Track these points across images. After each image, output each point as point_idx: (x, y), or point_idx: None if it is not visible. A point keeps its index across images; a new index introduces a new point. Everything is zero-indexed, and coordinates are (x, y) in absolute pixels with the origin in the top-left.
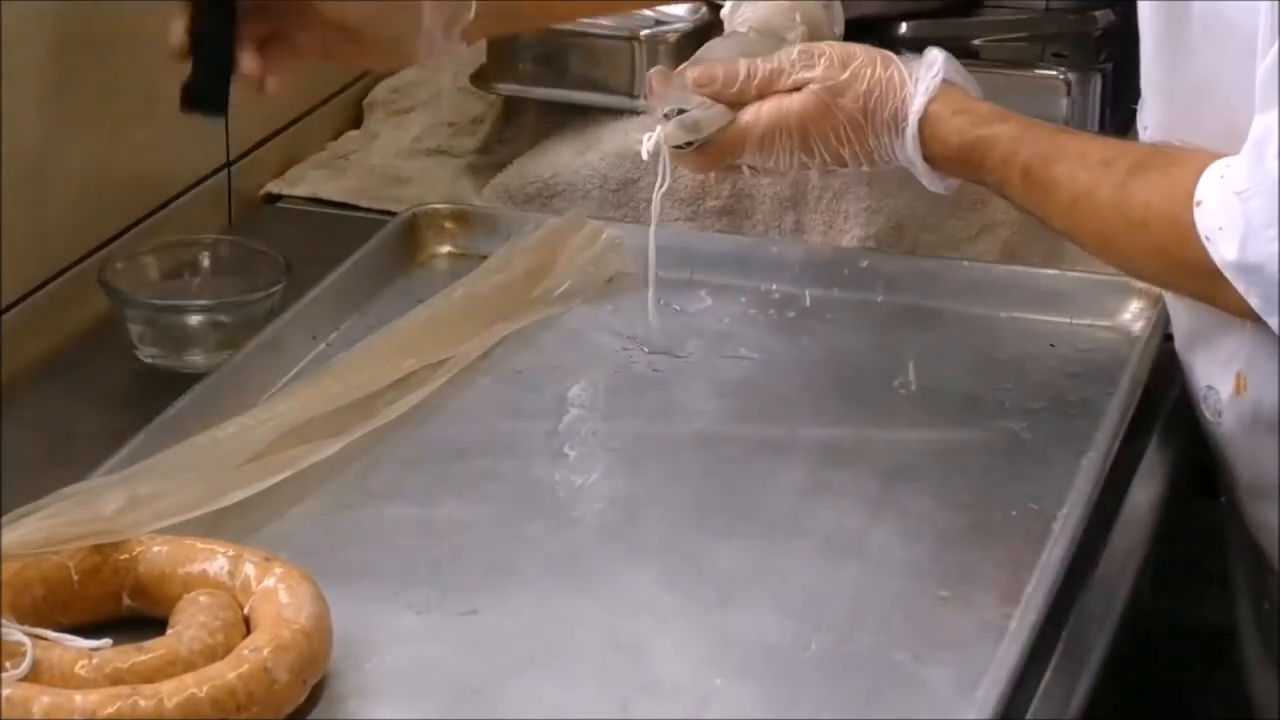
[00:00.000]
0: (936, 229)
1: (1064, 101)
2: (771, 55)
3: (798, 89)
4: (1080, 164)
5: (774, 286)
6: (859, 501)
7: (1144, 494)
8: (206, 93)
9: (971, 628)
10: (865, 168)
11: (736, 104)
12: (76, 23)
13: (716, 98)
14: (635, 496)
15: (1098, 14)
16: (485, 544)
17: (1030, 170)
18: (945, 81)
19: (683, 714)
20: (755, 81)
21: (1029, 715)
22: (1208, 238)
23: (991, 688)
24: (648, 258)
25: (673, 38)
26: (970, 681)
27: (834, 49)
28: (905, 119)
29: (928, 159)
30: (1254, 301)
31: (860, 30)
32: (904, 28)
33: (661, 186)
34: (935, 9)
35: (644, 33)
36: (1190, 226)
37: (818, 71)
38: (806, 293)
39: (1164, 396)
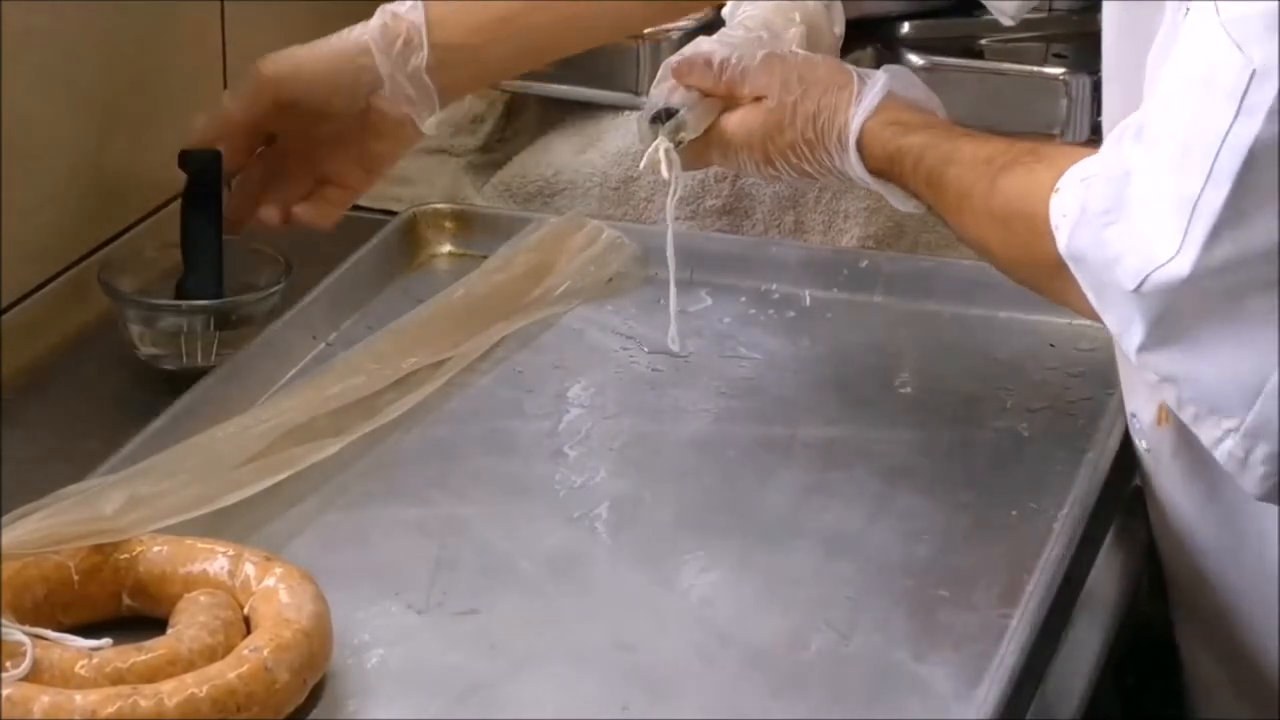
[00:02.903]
0: (936, 229)
1: (1064, 102)
2: (740, 58)
3: (759, 99)
4: (968, 165)
5: (774, 286)
6: (859, 501)
7: (1144, 494)
8: (200, 288)
9: (971, 628)
10: (834, 184)
11: (712, 94)
12: (77, 23)
13: (690, 86)
14: (635, 496)
15: (1100, 14)
16: (485, 544)
17: (931, 175)
18: (891, 96)
19: (683, 714)
20: (723, 76)
21: (1029, 715)
22: (1056, 226)
23: (991, 688)
24: (668, 268)
25: (676, 35)
26: (970, 681)
27: (798, 63)
28: (845, 139)
29: (873, 173)
30: (1090, 296)
31: (861, 30)
32: (905, 28)
33: (674, 194)
34: (936, 9)
35: (647, 30)
36: (1044, 219)
37: (775, 87)
38: (806, 293)
39: None
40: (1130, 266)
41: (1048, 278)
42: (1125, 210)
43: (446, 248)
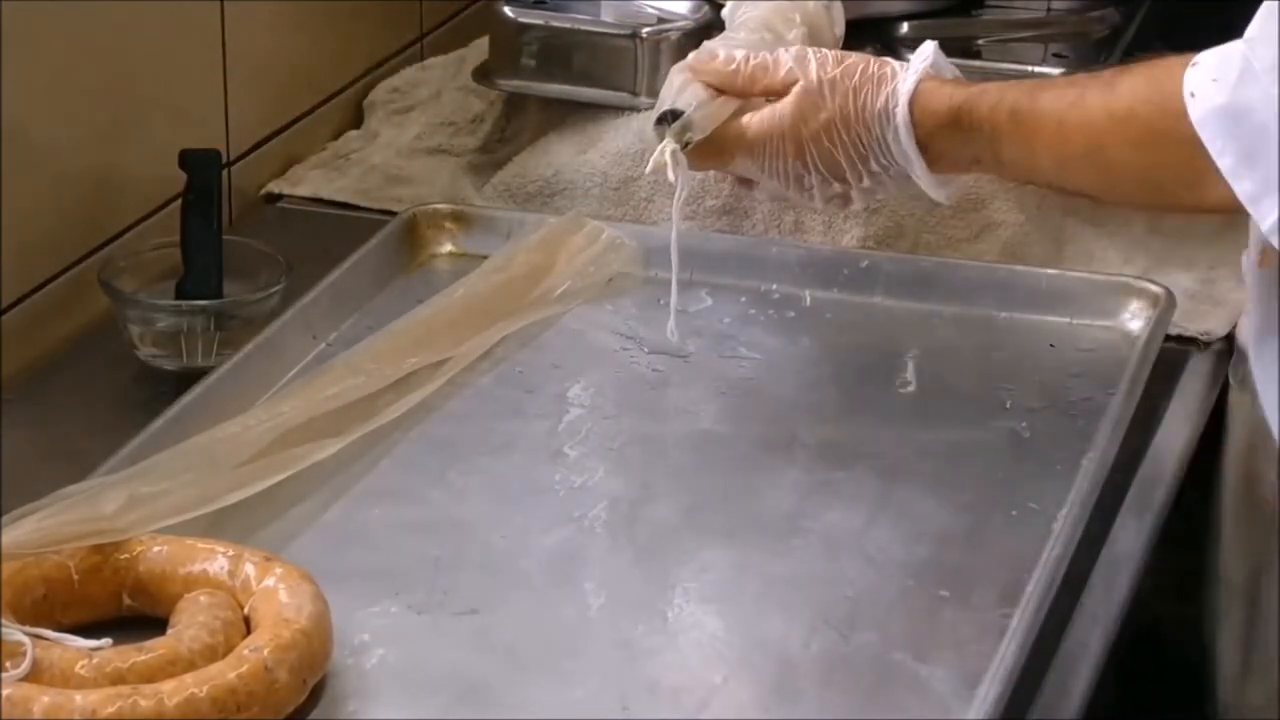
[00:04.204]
0: (936, 229)
1: None
2: (772, 50)
3: (788, 89)
4: (1067, 84)
5: (774, 286)
6: (859, 501)
7: (1144, 494)
8: (199, 288)
9: (971, 628)
10: (864, 181)
11: (727, 91)
12: (77, 23)
13: (710, 82)
14: (635, 496)
15: (1099, 14)
16: (485, 544)
17: (1019, 109)
18: (934, 67)
19: (683, 714)
20: (746, 70)
21: (1029, 715)
22: (1192, 94)
23: (991, 688)
24: (671, 267)
25: (674, 36)
26: (970, 681)
27: (829, 52)
28: (896, 102)
29: (920, 142)
30: (1225, 162)
31: (861, 30)
32: (904, 28)
33: (681, 195)
34: (936, 9)
35: (645, 31)
36: (1176, 96)
37: (811, 70)
38: (806, 293)
39: (1164, 396)
40: None
41: (1177, 170)
42: None
43: (446, 248)
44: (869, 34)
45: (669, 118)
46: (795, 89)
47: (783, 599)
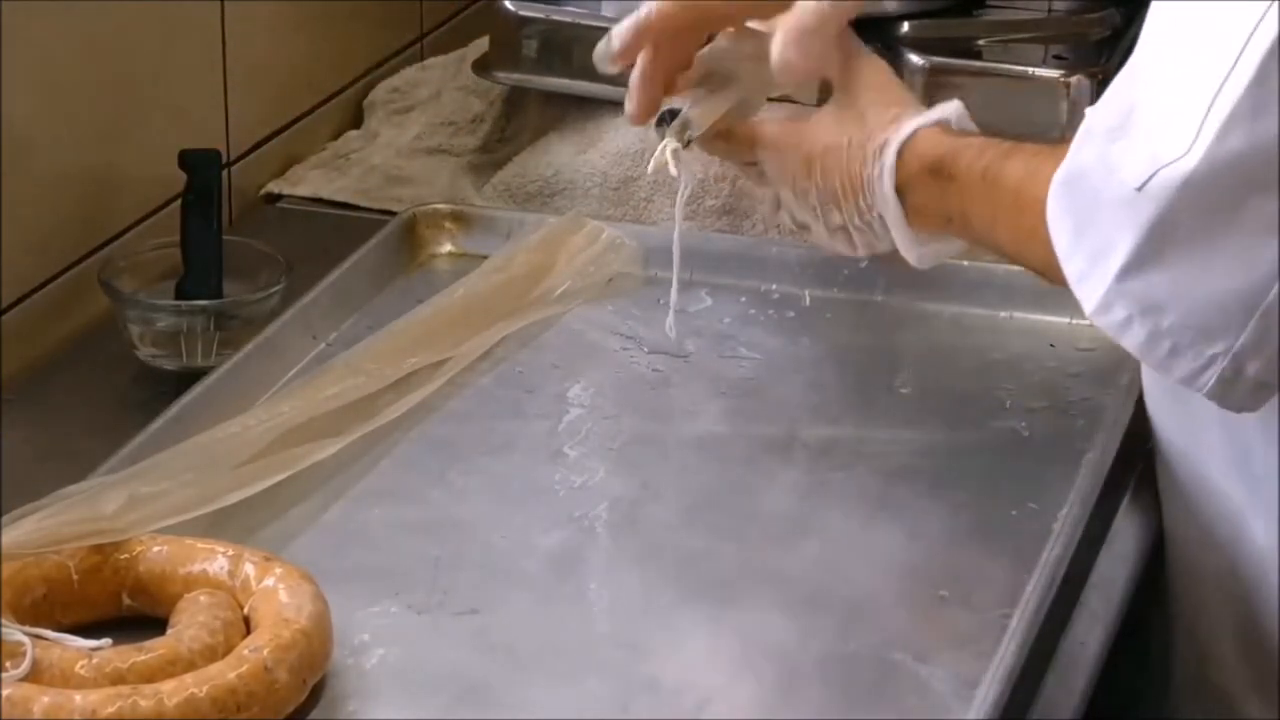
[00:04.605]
0: None
1: (1063, 104)
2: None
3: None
4: (1033, 153)
5: (774, 286)
6: (859, 501)
7: (1144, 494)
8: (199, 288)
9: (971, 628)
10: (855, 219)
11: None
12: (77, 23)
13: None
14: (635, 496)
15: (1099, 16)
16: (485, 544)
17: (990, 169)
18: (956, 123)
19: (683, 714)
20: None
21: (1029, 715)
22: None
23: (991, 688)
24: (673, 265)
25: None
26: (970, 681)
27: (882, 73)
28: (890, 144)
29: (899, 187)
30: (1059, 239)
31: (861, 30)
32: (905, 27)
33: (684, 192)
34: (936, 9)
35: None
36: None
37: (860, 94)
38: (806, 293)
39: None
40: (1135, 169)
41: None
42: (1132, 129)
43: (446, 248)
44: (868, 34)
45: (667, 117)
46: (829, 105)
47: (783, 599)
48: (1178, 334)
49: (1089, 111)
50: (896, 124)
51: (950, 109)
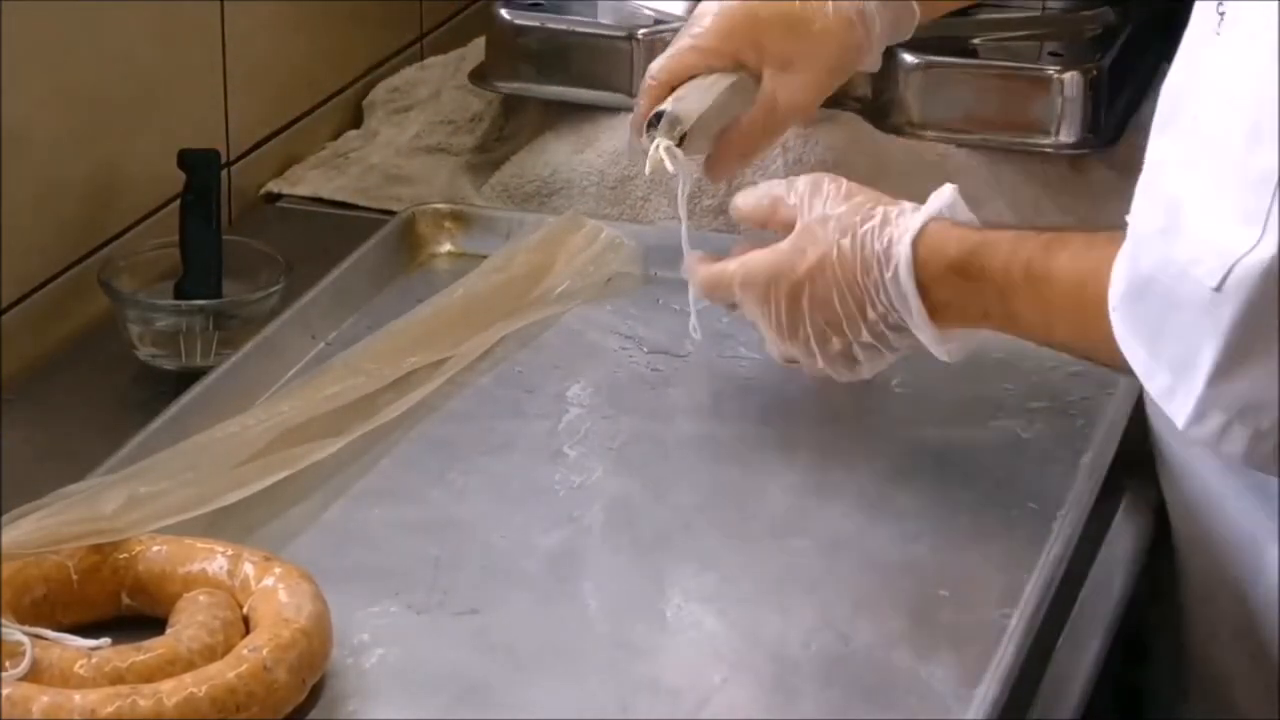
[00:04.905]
0: None
1: (1058, 101)
2: (787, 182)
3: (792, 226)
4: (1085, 246)
5: None
6: (859, 501)
7: (1143, 494)
8: (198, 288)
9: (971, 628)
10: (862, 334)
11: (761, 224)
12: (77, 23)
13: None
14: (635, 496)
15: (1094, 14)
16: (485, 544)
17: (1033, 264)
18: (949, 210)
19: (682, 714)
20: (763, 207)
21: (1029, 715)
22: (1112, 289)
23: (991, 688)
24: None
25: (670, 37)
26: (970, 681)
27: (843, 184)
28: (900, 240)
29: (922, 285)
30: (1135, 355)
31: None
32: None
33: (685, 187)
34: None
35: (641, 32)
36: None
37: (816, 205)
38: None
39: None
40: (1209, 265)
41: None
42: (1186, 223)
43: (446, 248)
44: None
45: (654, 120)
46: (797, 227)
47: (782, 599)
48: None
49: (1129, 219)
50: (896, 222)
51: (944, 198)
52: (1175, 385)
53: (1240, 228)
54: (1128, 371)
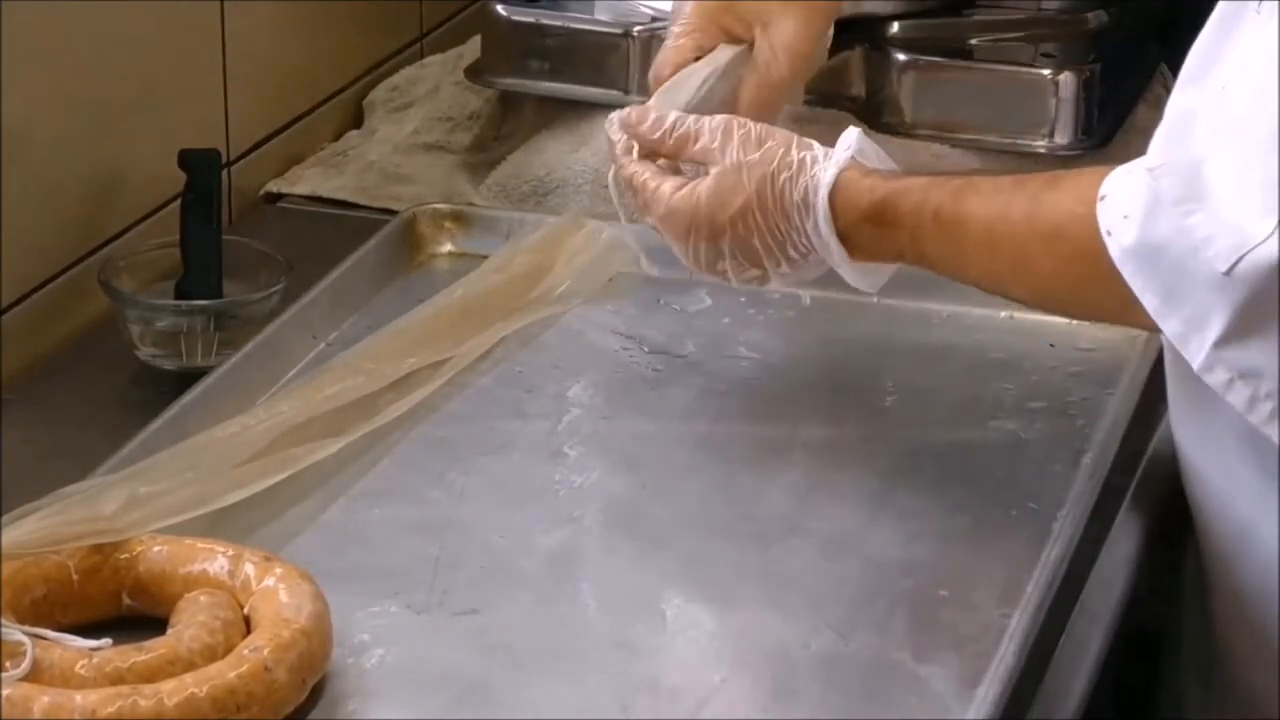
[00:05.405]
0: None
1: (1052, 101)
2: (699, 118)
3: (707, 165)
4: (992, 190)
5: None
6: (859, 501)
7: (1144, 494)
8: (199, 288)
9: (971, 628)
10: (781, 267)
11: (657, 153)
12: (77, 23)
13: (640, 143)
14: (635, 496)
15: (1089, 14)
16: (485, 544)
17: (942, 211)
18: (859, 155)
19: (682, 714)
20: (670, 139)
21: (1029, 715)
22: (1109, 232)
23: (991, 688)
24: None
25: (665, 33)
26: (970, 681)
27: (754, 128)
28: (816, 193)
29: (841, 233)
30: (1149, 301)
31: (850, 30)
32: (896, 27)
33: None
34: (925, 9)
35: (638, 29)
36: (1097, 226)
37: (730, 153)
38: (806, 293)
39: (1164, 396)
40: (1222, 249)
41: (1106, 282)
42: (1206, 197)
43: (446, 247)
44: (857, 34)
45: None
46: (713, 172)
47: (782, 599)
48: (1278, 397)
49: (1149, 172)
50: (811, 170)
51: (852, 141)
52: (1188, 335)
53: (1258, 219)
54: (1035, 308)
